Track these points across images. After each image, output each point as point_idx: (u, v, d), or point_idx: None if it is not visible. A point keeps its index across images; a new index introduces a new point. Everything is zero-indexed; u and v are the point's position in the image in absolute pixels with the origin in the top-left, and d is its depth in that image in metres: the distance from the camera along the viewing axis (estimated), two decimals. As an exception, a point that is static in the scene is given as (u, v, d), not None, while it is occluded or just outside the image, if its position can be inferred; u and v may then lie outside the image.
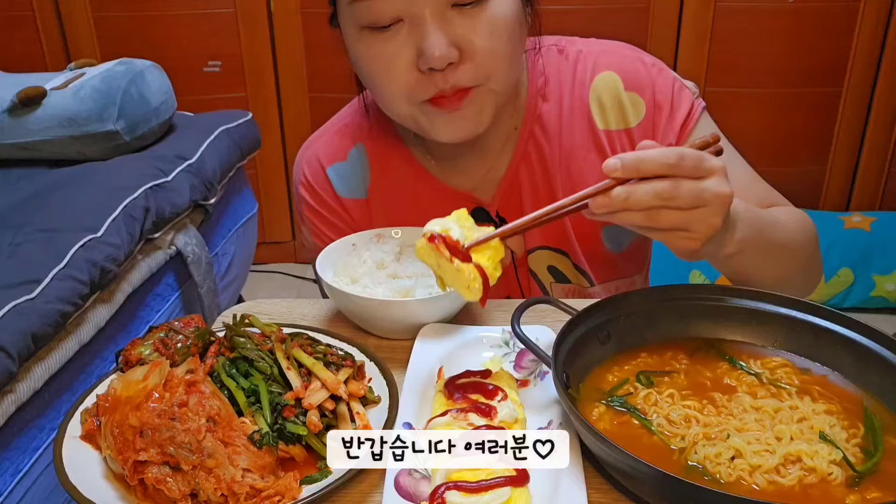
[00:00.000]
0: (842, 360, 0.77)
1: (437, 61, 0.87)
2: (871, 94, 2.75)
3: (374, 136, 1.12)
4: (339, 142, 1.13)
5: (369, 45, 0.92)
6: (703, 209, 0.73)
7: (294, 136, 2.96)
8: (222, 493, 0.64)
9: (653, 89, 1.04)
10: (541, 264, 1.11)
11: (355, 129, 1.13)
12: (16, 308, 1.28)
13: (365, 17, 0.90)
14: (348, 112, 1.16)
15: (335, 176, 1.12)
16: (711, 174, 0.73)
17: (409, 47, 0.89)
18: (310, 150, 1.15)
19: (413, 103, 0.94)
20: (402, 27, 0.89)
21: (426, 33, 0.87)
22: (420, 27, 0.88)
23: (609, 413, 0.73)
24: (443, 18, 0.88)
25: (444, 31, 0.88)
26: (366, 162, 1.12)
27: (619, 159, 0.72)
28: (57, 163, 1.89)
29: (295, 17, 2.77)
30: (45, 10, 2.75)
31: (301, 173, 1.15)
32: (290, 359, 0.75)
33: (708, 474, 0.65)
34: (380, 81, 0.95)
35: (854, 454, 0.67)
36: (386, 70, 0.92)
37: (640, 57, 1.06)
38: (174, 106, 2.01)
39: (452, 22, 0.88)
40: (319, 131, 1.18)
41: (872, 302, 2.62)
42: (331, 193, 1.13)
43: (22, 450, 1.29)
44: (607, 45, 1.09)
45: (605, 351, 0.80)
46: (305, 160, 1.15)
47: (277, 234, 3.15)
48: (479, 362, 0.83)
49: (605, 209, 0.73)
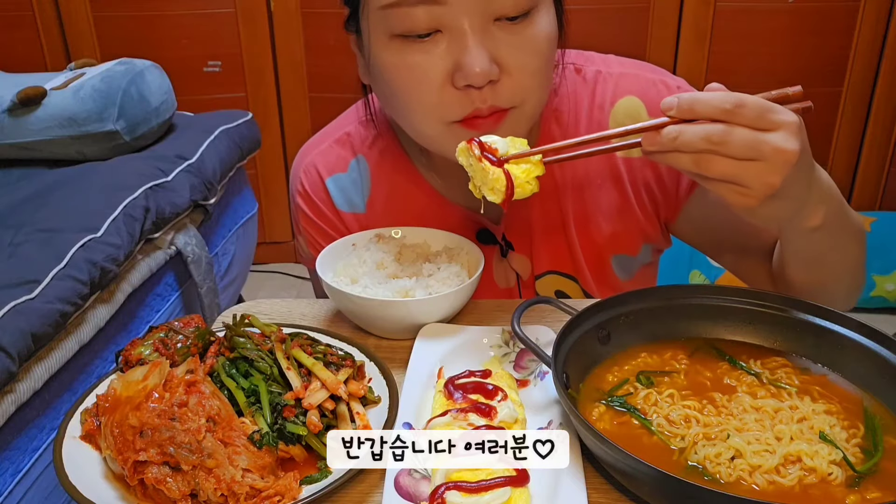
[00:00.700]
0: (842, 360, 0.77)
1: (477, 77, 0.82)
2: (871, 94, 2.75)
3: (376, 148, 1.07)
4: (338, 152, 1.09)
5: (401, 54, 0.85)
6: (759, 163, 0.68)
7: (294, 136, 2.96)
8: (222, 493, 0.64)
9: None
10: (548, 289, 1.08)
11: (357, 140, 1.09)
12: (16, 308, 1.28)
13: (399, 25, 0.83)
14: (349, 120, 1.11)
15: (334, 188, 1.08)
16: (778, 128, 0.68)
17: (446, 61, 0.83)
18: (307, 158, 1.11)
19: (443, 122, 0.87)
20: (440, 38, 0.83)
21: (467, 46, 0.82)
22: (460, 39, 0.82)
23: (609, 413, 0.73)
24: (485, 32, 0.82)
25: (485, 45, 0.82)
26: (366, 175, 1.08)
27: (676, 97, 0.69)
28: (57, 163, 1.89)
29: (295, 17, 2.77)
30: (45, 10, 2.75)
31: (298, 182, 1.10)
32: (289, 359, 0.75)
33: (708, 474, 0.65)
34: (408, 95, 0.88)
35: (854, 454, 0.67)
36: (417, 83, 0.86)
37: (664, 79, 1.01)
38: (174, 106, 2.01)
39: (494, 36, 0.83)
40: (317, 138, 1.13)
41: (872, 302, 2.62)
42: (329, 205, 1.09)
43: (22, 450, 1.29)
44: (628, 67, 1.03)
45: (605, 351, 0.80)
46: (303, 169, 1.10)
47: (277, 234, 3.16)
48: (479, 362, 0.83)
49: (655, 147, 0.71)
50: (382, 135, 1.07)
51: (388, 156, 1.07)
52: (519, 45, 0.84)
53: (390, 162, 1.07)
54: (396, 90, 0.89)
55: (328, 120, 1.16)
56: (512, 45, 0.83)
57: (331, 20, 2.75)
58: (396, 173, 1.07)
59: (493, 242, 1.06)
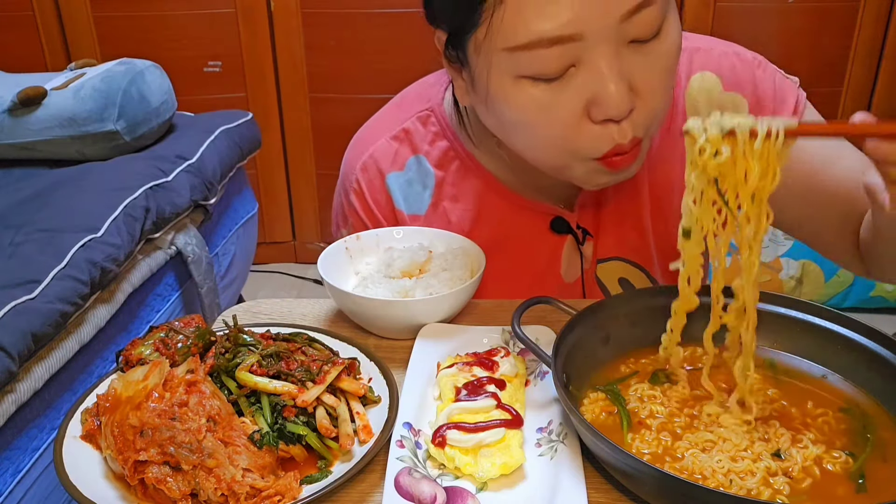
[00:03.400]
0: (841, 360, 0.77)
1: (619, 111, 0.76)
2: (871, 94, 2.75)
3: (437, 146, 1.01)
4: (397, 148, 1.02)
5: (531, 95, 0.78)
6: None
7: (294, 136, 2.96)
8: (222, 493, 0.64)
9: (754, 85, 0.95)
10: (612, 275, 1.05)
11: (416, 137, 1.02)
12: (16, 308, 1.28)
13: (528, 67, 0.76)
14: (404, 116, 1.04)
15: (395, 186, 1.03)
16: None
17: (582, 95, 0.77)
18: (365, 153, 1.04)
19: (578, 158, 0.82)
20: (574, 72, 0.77)
21: (604, 79, 0.75)
22: (596, 72, 0.76)
23: (602, 403, 0.73)
24: (620, 58, 0.76)
25: (622, 74, 0.76)
26: (428, 175, 1.02)
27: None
28: (57, 163, 1.89)
29: (295, 17, 2.77)
30: (45, 10, 2.75)
31: (354, 180, 1.04)
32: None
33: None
34: (539, 132, 0.82)
35: (852, 455, 0.67)
36: (550, 123, 0.79)
37: (737, 51, 0.97)
38: (174, 106, 2.01)
39: (628, 60, 0.76)
40: (370, 133, 1.06)
41: (872, 302, 2.62)
42: (387, 206, 1.03)
43: (22, 450, 1.29)
44: (700, 41, 0.99)
45: (605, 351, 0.80)
46: (362, 166, 1.03)
47: (277, 234, 3.16)
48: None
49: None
50: (444, 132, 1.02)
51: (452, 154, 1.01)
52: (652, 65, 0.78)
53: (455, 161, 1.01)
54: (525, 127, 0.82)
55: (328, 120, 1.15)
56: (645, 67, 0.78)
57: (331, 20, 2.75)
58: (464, 173, 1.02)
59: (568, 231, 1.02)
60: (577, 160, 0.83)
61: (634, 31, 0.76)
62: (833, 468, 0.65)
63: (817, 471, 0.65)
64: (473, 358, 0.80)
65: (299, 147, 2.97)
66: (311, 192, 3.06)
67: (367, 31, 2.75)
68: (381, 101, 1.09)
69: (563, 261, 1.05)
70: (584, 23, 0.73)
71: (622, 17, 0.73)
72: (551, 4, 0.73)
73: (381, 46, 2.75)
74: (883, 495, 0.63)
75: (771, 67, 0.99)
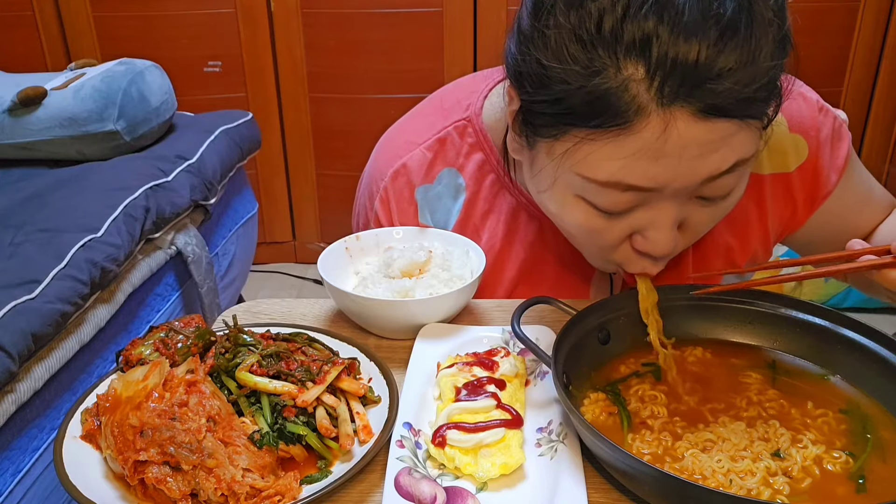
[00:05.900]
0: (841, 360, 0.77)
1: (661, 254, 0.78)
2: (871, 94, 2.75)
3: (472, 160, 0.98)
4: (430, 159, 0.99)
5: (586, 217, 0.78)
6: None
7: (294, 136, 2.96)
8: (222, 493, 0.64)
9: (817, 130, 0.96)
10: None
11: (451, 149, 0.99)
12: (16, 308, 1.28)
13: (594, 198, 0.75)
14: (441, 124, 0.99)
15: (423, 199, 1.00)
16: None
17: (632, 224, 0.77)
18: (399, 160, 1.00)
19: (607, 261, 0.84)
20: (633, 210, 0.76)
21: (659, 226, 0.76)
22: (653, 215, 0.76)
23: (602, 404, 0.73)
24: (681, 208, 0.76)
25: (677, 221, 0.76)
26: (459, 190, 0.99)
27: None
28: (57, 163, 1.89)
29: (295, 17, 2.77)
30: (45, 10, 2.75)
31: (382, 187, 1.01)
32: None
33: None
34: (578, 240, 0.85)
35: (852, 455, 0.67)
36: (594, 239, 0.81)
37: (802, 92, 0.97)
38: (174, 106, 2.01)
39: (687, 209, 0.77)
40: (406, 138, 1.02)
41: (872, 302, 2.62)
42: (412, 219, 1.01)
43: (22, 450, 1.29)
44: None
45: (605, 351, 0.80)
46: (393, 174, 1.00)
47: (277, 234, 3.16)
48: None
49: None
50: (480, 144, 0.98)
51: (488, 168, 0.98)
52: (710, 217, 0.79)
53: (490, 175, 0.98)
54: (568, 228, 0.84)
55: (328, 120, 1.13)
56: (703, 217, 0.79)
57: (331, 20, 2.75)
58: (498, 188, 0.98)
59: None
60: (608, 263, 0.86)
61: (708, 192, 0.75)
62: (833, 468, 0.65)
63: (817, 471, 0.65)
64: (473, 358, 0.80)
65: (299, 147, 2.97)
66: (311, 192, 3.06)
67: (367, 31, 2.75)
68: (381, 101, 1.08)
69: (593, 286, 1.02)
70: (667, 182, 0.72)
71: (704, 180, 0.73)
72: (643, 162, 0.70)
73: (381, 46, 2.75)
74: (883, 495, 0.63)
75: (831, 113, 0.99)
